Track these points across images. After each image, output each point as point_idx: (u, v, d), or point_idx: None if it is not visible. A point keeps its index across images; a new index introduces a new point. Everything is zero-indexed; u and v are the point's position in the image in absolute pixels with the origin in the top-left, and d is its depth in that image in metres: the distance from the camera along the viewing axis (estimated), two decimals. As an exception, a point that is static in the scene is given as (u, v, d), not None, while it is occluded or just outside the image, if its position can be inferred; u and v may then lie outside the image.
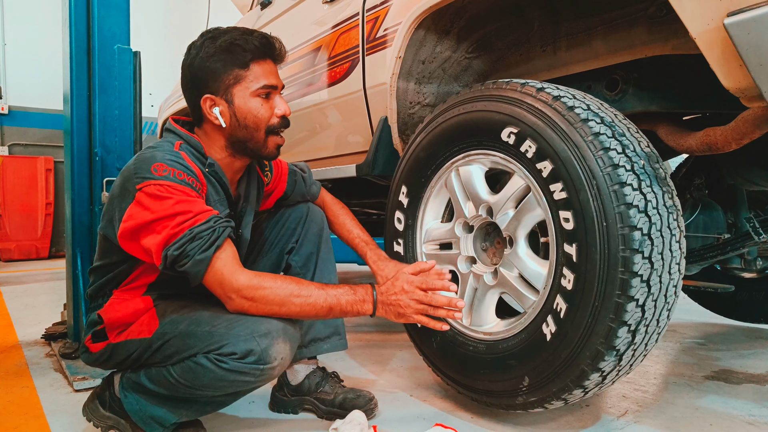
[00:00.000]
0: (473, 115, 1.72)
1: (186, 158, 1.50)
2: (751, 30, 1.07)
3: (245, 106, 1.56)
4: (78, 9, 2.42)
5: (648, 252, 1.35)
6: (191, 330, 1.44)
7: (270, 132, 1.60)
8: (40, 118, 7.45)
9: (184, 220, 1.38)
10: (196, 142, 1.59)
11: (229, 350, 1.37)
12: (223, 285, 1.41)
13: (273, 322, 1.43)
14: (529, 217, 1.59)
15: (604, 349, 1.38)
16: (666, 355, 2.57)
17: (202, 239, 1.38)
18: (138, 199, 1.40)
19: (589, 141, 1.40)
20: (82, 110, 2.45)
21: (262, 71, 1.57)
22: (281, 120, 1.61)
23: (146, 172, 1.42)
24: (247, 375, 1.38)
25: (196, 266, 1.38)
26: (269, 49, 1.58)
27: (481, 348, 1.70)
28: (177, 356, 1.44)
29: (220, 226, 1.42)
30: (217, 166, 1.60)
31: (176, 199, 1.39)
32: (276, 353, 1.40)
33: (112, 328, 1.56)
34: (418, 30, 1.98)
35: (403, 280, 1.52)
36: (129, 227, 1.40)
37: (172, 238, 1.37)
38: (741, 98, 1.21)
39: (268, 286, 1.42)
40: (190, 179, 1.45)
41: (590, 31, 1.88)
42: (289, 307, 1.43)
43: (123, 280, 1.59)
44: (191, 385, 1.42)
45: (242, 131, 1.58)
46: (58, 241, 7.27)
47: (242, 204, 1.75)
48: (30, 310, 3.59)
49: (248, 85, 1.55)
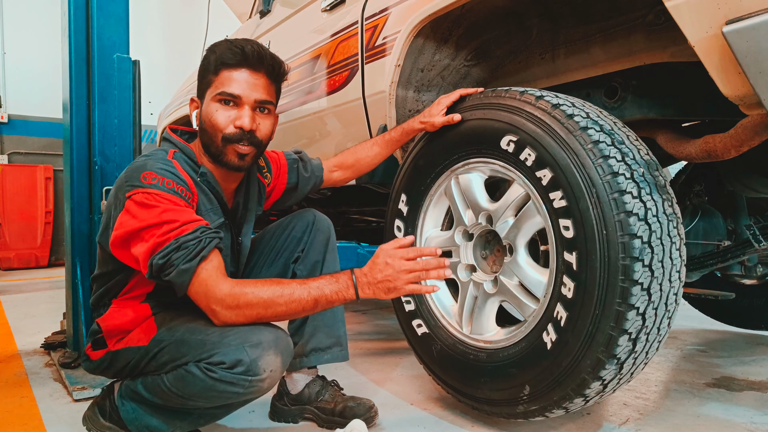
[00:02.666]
0: (472, 123, 1.72)
1: (177, 166, 1.51)
2: (750, 38, 1.07)
3: (205, 110, 1.57)
4: (77, 18, 2.43)
5: (648, 260, 1.35)
6: (185, 338, 1.43)
7: (227, 141, 1.55)
8: (39, 126, 7.44)
9: (171, 229, 1.37)
10: (190, 151, 1.60)
11: (218, 359, 1.36)
12: (207, 295, 1.39)
13: (265, 332, 1.42)
14: (528, 225, 1.59)
15: (605, 358, 1.38)
16: (667, 362, 2.57)
17: (188, 249, 1.37)
18: (127, 207, 1.41)
19: (588, 149, 1.40)
20: (81, 119, 2.45)
21: (229, 78, 1.54)
22: (239, 132, 1.55)
23: (136, 180, 1.42)
24: (235, 386, 1.37)
25: (181, 276, 1.37)
26: (242, 58, 1.54)
27: (482, 356, 1.70)
28: (170, 364, 1.43)
29: (207, 236, 1.41)
30: (209, 175, 1.60)
31: (163, 208, 1.39)
32: (265, 365, 1.38)
33: (111, 335, 1.56)
34: (417, 38, 1.99)
35: (384, 256, 1.48)
36: (119, 235, 1.41)
37: (158, 247, 1.36)
38: (740, 106, 1.21)
39: (250, 291, 1.40)
40: (179, 188, 1.45)
41: (589, 39, 1.89)
42: (275, 308, 1.41)
43: (121, 289, 1.59)
44: (182, 395, 1.41)
45: (204, 135, 1.58)
46: (57, 250, 7.26)
47: (241, 212, 1.75)
48: (29, 319, 3.57)
49: (213, 90, 1.56)
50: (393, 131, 2.01)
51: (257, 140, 1.59)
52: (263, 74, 1.58)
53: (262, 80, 1.58)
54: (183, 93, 4.34)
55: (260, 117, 1.59)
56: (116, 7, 2.47)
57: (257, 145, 1.60)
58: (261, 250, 1.90)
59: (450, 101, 1.82)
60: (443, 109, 1.82)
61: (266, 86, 1.59)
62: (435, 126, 1.83)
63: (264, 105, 1.59)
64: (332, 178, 2.08)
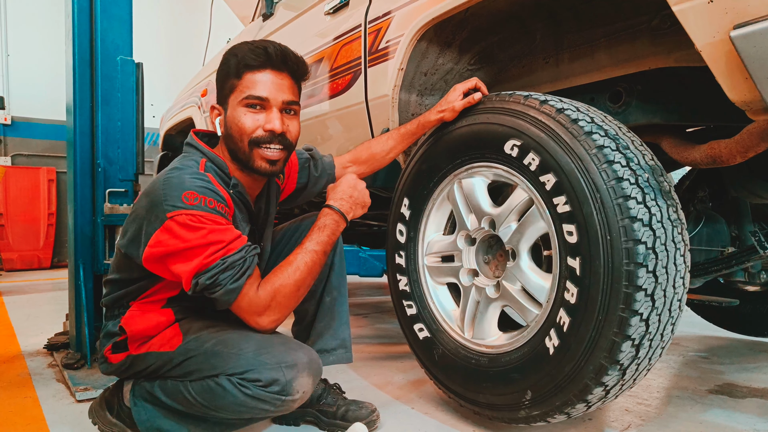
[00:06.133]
0: (476, 127, 1.72)
1: (213, 181, 1.49)
2: (758, 43, 1.07)
3: (231, 115, 1.55)
4: (81, 20, 2.43)
5: (652, 266, 1.34)
6: (217, 350, 1.44)
7: (254, 144, 1.54)
8: (43, 128, 7.45)
9: (217, 249, 1.39)
10: (221, 162, 1.58)
11: (254, 376, 1.38)
12: (250, 310, 1.45)
13: (300, 354, 1.45)
14: (532, 230, 1.58)
15: (608, 364, 1.37)
16: (669, 369, 2.56)
17: (234, 269, 1.40)
18: (168, 227, 1.39)
19: (593, 154, 1.40)
20: (85, 121, 2.45)
21: (254, 81, 1.52)
22: (268, 134, 1.54)
23: (177, 200, 1.40)
24: (267, 403, 1.40)
25: (228, 295, 1.41)
26: (265, 59, 1.52)
27: (484, 361, 1.69)
28: (198, 374, 1.44)
29: (250, 255, 1.44)
30: (240, 186, 1.59)
31: (209, 229, 1.39)
32: (299, 386, 1.42)
33: (134, 339, 1.56)
34: (421, 42, 1.98)
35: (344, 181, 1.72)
36: (157, 253, 1.40)
37: (203, 267, 1.38)
38: (747, 111, 1.20)
39: (279, 285, 1.48)
40: (220, 206, 1.45)
41: (593, 43, 1.88)
42: (303, 286, 1.53)
43: (142, 293, 1.59)
44: (208, 405, 1.43)
45: (231, 141, 1.57)
46: (60, 251, 7.28)
47: (263, 217, 1.76)
48: (32, 320, 3.58)
49: (238, 94, 1.54)
50: (409, 124, 1.98)
51: (288, 142, 1.59)
52: (287, 74, 1.57)
53: (287, 81, 1.57)
54: (186, 96, 4.34)
55: (288, 118, 1.58)
56: (120, 9, 2.48)
57: (288, 147, 1.60)
58: (273, 249, 1.91)
59: (466, 87, 1.80)
60: (460, 95, 1.80)
61: (291, 86, 1.58)
62: (455, 111, 1.79)
63: (290, 106, 1.58)
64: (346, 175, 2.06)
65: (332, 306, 1.89)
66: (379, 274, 2.75)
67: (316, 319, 1.87)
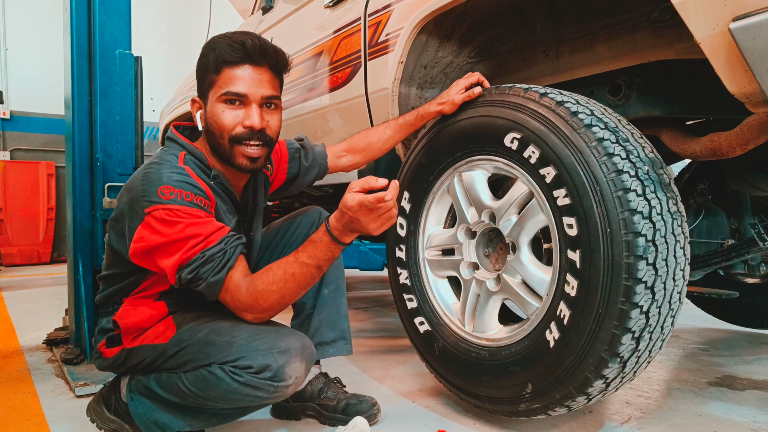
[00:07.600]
0: (476, 120, 1.71)
1: (191, 174, 1.48)
2: (757, 35, 1.06)
3: (211, 111, 1.53)
4: (79, 14, 2.42)
5: (652, 258, 1.34)
6: (210, 339, 1.44)
7: (234, 142, 1.52)
8: (41, 123, 7.44)
9: (196, 243, 1.38)
10: (200, 153, 1.57)
11: (245, 363, 1.38)
12: (234, 302, 1.44)
13: (293, 339, 1.44)
14: (532, 223, 1.58)
15: (608, 357, 1.37)
16: (669, 361, 2.56)
17: (215, 261, 1.39)
18: (147, 222, 1.39)
19: (592, 146, 1.39)
20: (83, 115, 2.44)
21: (232, 77, 1.50)
22: (248, 131, 1.51)
23: (153, 195, 1.40)
24: (260, 390, 1.39)
25: (210, 288, 1.40)
26: (244, 54, 1.50)
27: (484, 354, 1.69)
28: (191, 364, 1.44)
29: (231, 246, 1.43)
30: (222, 177, 1.58)
31: (186, 223, 1.38)
32: (292, 371, 1.41)
33: (127, 333, 1.56)
34: (420, 35, 1.98)
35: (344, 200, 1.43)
36: (140, 248, 1.41)
37: (184, 261, 1.38)
38: (746, 103, 1.20)
39: (262, 289, 1.43)
40: (198, 199, 1.43)
41: (593, 36, 1.88)
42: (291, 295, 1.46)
43: (134, 288, 1.59)
44: (202, 395, 1.42)
45: (211, 137, 1.55)
46: (59, 246, 7.27)
47: (251, 207, 1.75)
48: (32, 316, 3.58)
49: (217, 90, 1.51)
50: (408, 115, 1.97)
51: (268, 138, 1.57)
52: (267, 68, 1.54)
53: (267, 75, 1.54)
54: (185, 90, 4.33)
55: (268, 113, 1.56)
56: (118, 2, 2.47)
57: (268, 143, 1.58)
58: (268, 246, 1.91)
59: (468, 82, 1.79)
60: (461, 90, 1.79)
61: (271, 80, 1.56)
62: (455, 104, 1.79)
63: (271, 100, 1.56)
64: (340, 164, 2.05)
65: (331, 298, 1.88)
66: (380, 267, 2.76)
67: (315, 312, 1.86)
